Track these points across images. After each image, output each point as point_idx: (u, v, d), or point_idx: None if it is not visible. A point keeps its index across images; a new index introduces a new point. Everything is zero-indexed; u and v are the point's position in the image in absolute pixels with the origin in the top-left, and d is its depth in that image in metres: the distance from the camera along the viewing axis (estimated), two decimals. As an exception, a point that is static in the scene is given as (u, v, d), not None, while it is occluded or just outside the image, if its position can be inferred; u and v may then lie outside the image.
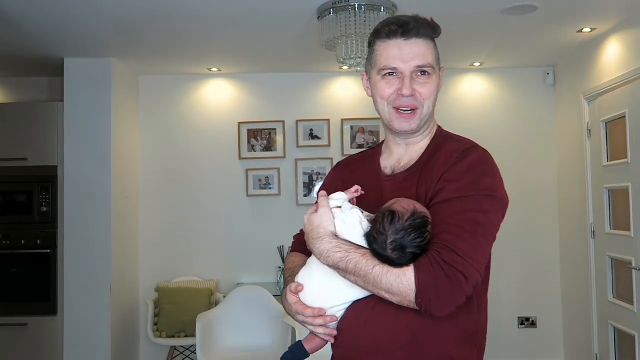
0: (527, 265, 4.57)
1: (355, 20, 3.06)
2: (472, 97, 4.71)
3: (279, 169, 4.65)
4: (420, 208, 1.24)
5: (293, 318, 1.35)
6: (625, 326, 3.55)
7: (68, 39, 3.70)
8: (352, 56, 3.17)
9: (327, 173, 4.60)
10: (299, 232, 1.61)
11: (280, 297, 4.12)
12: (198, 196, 4.65)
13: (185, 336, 4.15)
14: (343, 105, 4.70)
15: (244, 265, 4.62)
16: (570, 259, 4.38)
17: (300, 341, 1.42)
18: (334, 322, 1.31)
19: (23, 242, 4.09)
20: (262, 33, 3.67)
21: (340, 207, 1.31)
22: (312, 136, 4.67)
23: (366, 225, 1.26)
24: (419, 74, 1.34)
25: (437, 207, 1.25)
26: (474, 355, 1.31)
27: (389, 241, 1.19)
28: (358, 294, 1.28)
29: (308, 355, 1.40)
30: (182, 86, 4.70)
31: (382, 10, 3.08)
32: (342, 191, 1.37)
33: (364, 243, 1.25)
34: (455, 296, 1.16)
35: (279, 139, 4.65)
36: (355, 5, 3.05)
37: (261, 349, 3.85)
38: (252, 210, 4.66)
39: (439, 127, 1.48)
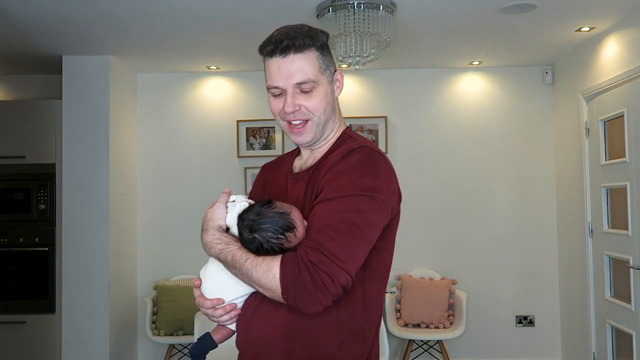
0: (524, 264, 4.58)
1: (354, 19, 3.06)
2: (471, 96, 4.71)
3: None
4: (296, 217, 1.26)
5: (200, 309, 1.39)
6: (622, 325, 3.56)
7: (66, 37, 3.69)
8: (351, 54, 3.17)
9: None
10: None
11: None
12: (196, 194, 4.64)
13: (184, 334, 4.15)
14: (342, 104, 4.62)
15: (242, 264, 4.61)
16: (568, 258, 4.39)
17: (208, 332, 1.48)
18: (236, 311, 1.35)
19: (21, 239, 4.08)
20: (261, 31, 3.64)
21: (234, 201, 1.36)
22: (311, 134, 4.67)
23: None
24: (300, 91, 1.35)
25: (315, 207, 1.26)
26: (360, 354, 1.31)
27: (248, 217, 1.26)
28: (246, 289, 1.31)
29: (216, 346, 1.48)
30: (180, 84, 4.69)
31: (381, 8, 3.07)
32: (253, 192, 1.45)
33: None
34: (319, 297, 1.16)
35: (277, 137, 4.65)
36: (354, 3, 3.05)
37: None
38: (250, 209, 4.65)
39: (347, 128, 1.50)
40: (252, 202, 1.36)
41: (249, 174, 4.64)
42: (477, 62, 4.55)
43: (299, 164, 1.49)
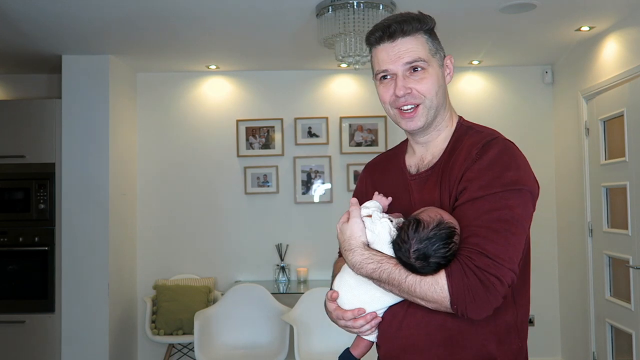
0: (524, 263, 4.58)
1: (353, 18, 3.06)
2: (470, 95, 4.71)
3: (277, 167, 4.65)
4: (448, 218, 1.22)
5: (337, 324, 1.36)
6: (622, 324, 3.56)
7: (66, 36, 3.69)
8: (351, 54, 3.16)
9: (325, 171, 4.64)
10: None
11: (280, 294, 4.13)
12: (196, 194, 4.64)
13: (183, 334, 4.15)
14: (341, 103, 4.70)
15: (242, 263, 4.62)
16: (568, 257, 4.39)
17: (347, 349, 1.43)
18: (377, 320, 1.32)
19: (21, 239, 4.08)
20: (261, 30, 3.66)
21: (370, 215, 1.31)
22: (311, 134, 4.67)
23: (395, 235, 1.27)
24: (412, 70, 1.33)
25: (461, 208, 1.23)
26: (514, 349, 1.30)
27: (412, 250, 1.20)
28: (392, 300, 1.29)
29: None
30: (180, 83, 4.69)
31: (381, 8, 3.07)
32: (375, 195, 1.39)
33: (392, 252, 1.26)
34: (491, 300, 1.15)
35: (277, 136, 4.65)
36: (354, 3, 3.05)
37: (259, 347, 3.86)
38: (250, 208, 4.66)
39: (460, 118, 1.45)
40: (387, 216, 1.31)
41: (248, 173, 4.64)
42: (476, 62, 4.55)
43: (414, 162, 1.43)
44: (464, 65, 4.62)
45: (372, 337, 1.37)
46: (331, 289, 1.37)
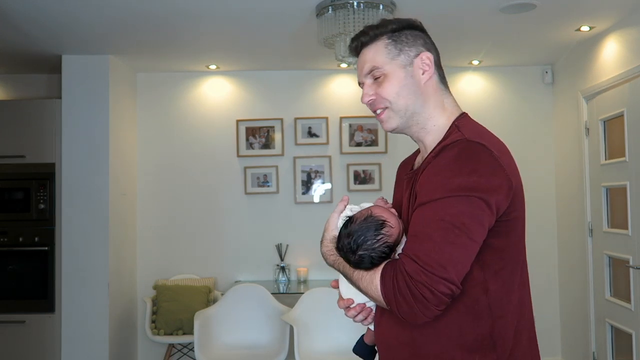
0: (524, 263, 4.58)
1: (353, 18, 3.06)
2: (470, 96, 4.71)
3: (277, 167, 4.65)
4: (378, 212, 1.27)
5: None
6: (622, 324, 3.56)
7: (66, 36, 3.69)
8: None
9: (325, 171, 4.65)
10: None
11: (280, 294, 4.13)
12: (196, 194, 4.64)
13: (183, 334, 4.15)
14: (341, 103, 4.70)
15: (242, 263, 4.62)
16: (568, 257, 4.39)
17: (362, 336, 1.52)
18: (367, 310, 1.38)
19: (21, 239, 4.08)
20: (261, 30, 3.66)
21: (351, 210, 1.38)
22: (311, 134, 4.67)
23: None
24: (375, 78, 1.37)
25: (413, 214, 1.23)
26: None
27: (343, 244, 1.27)
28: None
29: (372, 347, 1.49)
30: (180, 83, 4.69)
31: (381, 8, 3.07)
32: (378, 200, 1.43)
33: None
34: (420, 308, 1.13)
35: (277, 136, 4.65)
36: (354, 2, 3.05)
37: (259, 347, 3.85)
38: (250, 208, 4.66)
39: (459, 117, 1.37)
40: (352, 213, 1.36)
41: (248, 173, 4.64)
42: (476, 62, 4.54)
43: (418, 160, 1.45)
44: (464, 65, 4.62)
45: (372, 327, 1.42)
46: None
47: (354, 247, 1.24)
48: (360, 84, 1.41)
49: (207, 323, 3.82)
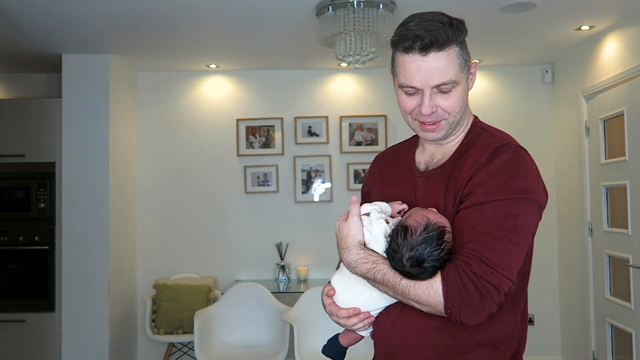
0: (524, 262, 4.58)
1: (353, 17, 3.06)
2: (471, 95, 4.66)
3: (277, 166, 4.65)
4: (435, 218, 1.21)
5: (329, 317, 1.37)
6: (622, 324, 3.56)
7: (66, 35, 3.69)
8: (351, 53, 3.16)
9: (325, 170, 4.64)
10: None
11: (280, 294, 4.13)
12: (196, 193, 4.64)
13: (184, 333, 4.15)
14: (341, 102, 4.70)
15: (242, 262, 4.62)
16: (568, 257, 4.39)
17: (337, 334, 1.45)
18: (370, 319, 1.33)
19: (21, 238, 4.08)
20: (261, 30, 3.66)
21: (368, 214, 1.29)
22: (311, 133, 4.67)
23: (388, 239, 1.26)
24: (440, 90, 1.28)
25: (465, 212, 1.21)
26: (507, 357, 1.29)
27: (404, 258, 1.18)
28: (388, 301, 1.29)
29: (344, 349, 1.44)
30: (180, 83, 4.69)
31: (381, 7, 3.07)
32: (393, 203, 1.36)
33: None
34: (486, 308, 1.14)
35: (277, 135, 4.65)
36: (354, 2, 3.05)
37: (259, 346, 3.86)
38: (250, 207, 4.66)
39: (475, 119, 1.43)
40: (383, 213, 1.30)
41: (248, 172, 4.64)
42: (477, 61, 4.55)
43: (423, 160, 1.41)
44: (464, 64, 4.62)
45: (365, 333, 1.38)
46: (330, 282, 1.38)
47: (420, 259, 1.17)
48: (411, 88, 1.27)
49: (207, 322, 3.82)
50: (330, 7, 3.10)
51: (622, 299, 3.57)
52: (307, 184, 4.65)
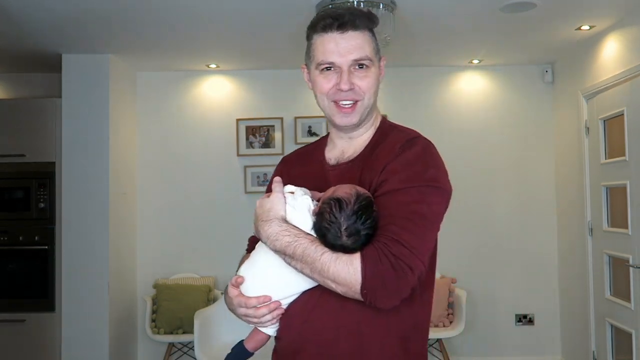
0: (524, 262, 4.58)
1: (353, 17, 3.05)
2: (470, 95, 4.71)
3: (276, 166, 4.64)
4: (361, 190, 1.24)
5: (234, 313, 1.33)
6: (622, 324, 3.56)
7: (66, 35, 3.69)
8: (351, 53, 3.16)
9: (325, 170, 4.64)
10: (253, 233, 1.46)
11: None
12: (196, 193, 4.64)
13: (184, 333, 4.15)
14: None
15: (242, 262, 4.61)
16: (568, 257, 4.39)
17: (241, 341, 1.41)
18: (279, 310, 1.28)
19: (21, 238, 4.08)
20: (261, 30, 3.66)
21: (292, 192, 1.30)
22: (311, 133, 4.67)
23: (315, 216, 1.25)
24: (357, 67, 1.33)
25: (381, 198, 1.24)
26: (422, 346, 1.33)
27: (342, 228, 1.18)
28: (303, 285, 1.25)
29: (251, 354, 1.40)
30: (180, 82, 4.69)
31: (381, 7, 3.07)
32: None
33: (311, 232, 1.24)
34: (401, 288, 1.17)
35: (277, 135, 4.65)
36: (353, 2, 3.04)
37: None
38: (250, 207, 4.60)
39: (383, 117, 1.47)
40: (309, 193, 1.30)
41: (248, 172, 4.64)
42: (477, 61, 4.54)
43: (334, 156, 1.43)
44: (464, 64, 4.62)
45: (271, 331, 1.34)
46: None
47: (358, 228, 1.18)
48: (329, 64, 1.32)
49: (207, 322, 3.82)
50: (330, 7, 3.10)
51: (622, 299, 3.57)
52: (307, 183, 4.65)
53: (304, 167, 1.49)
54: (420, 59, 4.47)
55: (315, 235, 1.23)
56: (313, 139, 1.61)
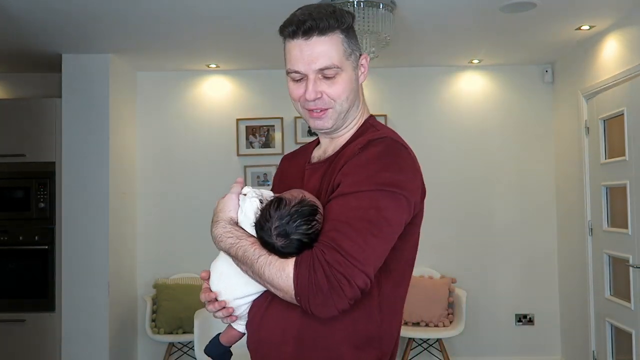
0: (524, 262, 4.58)
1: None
2: (470, 95, 4.71)
3: (277, 166, 4.63)
4: (310, 197, 1.20)
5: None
6: (622, 323, 3.56)
7: (66, 35, 3.69)
8: (351, 53, 3.16)
9: (325, 170, 4.64)
10: None
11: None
12: (196, 192, 4.64)
13: (184, 332, 4.15)
14: (341, 102, 4.69)
15: (242, 262, 4.61)
16: (568, 256, 4.39)
17: (218, 334, 1.42)
18: (226, 310, 1.29)
19: (21, 238, 4.08)
20: (261, 30, 3.66)
21: (245, 194, 1.28)
22: (311, 133, 4.66)
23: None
24: (324, 75, 1.27)
25: (332, 202, 1.18)
26: (371, 359, 1.23)
27: (273, 226, 1.16)
28: (255, 289, 1.25)
29: (228, 348, 1.40)
30: (180, 82, 4.69)
31: (381, 7, 3.07)
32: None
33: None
34: (335, 300, 1.09)
35: (277, 135, 4.65)
36: (354, 1, 3.04)
37: (259, 346, 3.86)
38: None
39: (369, 116, 1.40)
40: (261, 195, 1.28)
41: (248, 172, 4.64)
42: (477, 61, 4.54)
43: (317, 154, 1.42)
44: (464, 64, 4.62)
45: (240, 328, 1.34)
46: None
47: (288, 230, 1.14)
48: (296, 73, 1.28)
49: (207, 322, 3.81)
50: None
51: (622, 298, 3.57)
52: (307, 183, 4.65)
53: (293, 164, 1.49)
54: (420, 59, 4.47)
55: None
56: (312, 139, 1.60)
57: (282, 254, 1.15)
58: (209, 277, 1.33)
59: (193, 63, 4.47)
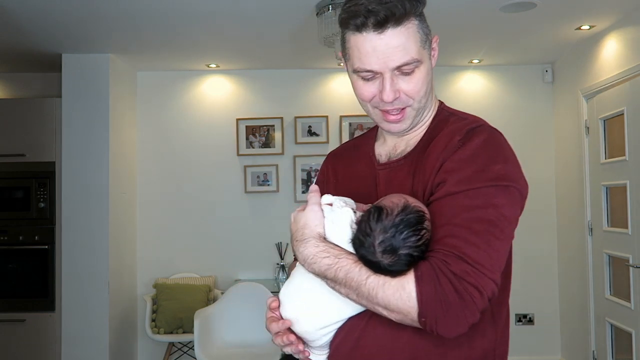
0: (524, 262, 4.58)
1: (353, 17, 3.05)
2: (470, 94, 4.71)
3: (277, 166, 4.64)
4: (414, 202, 1.03)
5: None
6: (622, 323, 3.56)
7: (66, 35, 3.69)
8: (351, 53, 3.15)
9: (325, 170, 4.64)
10: None
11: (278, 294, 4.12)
12: (196, 192, 4.64)
13: (184, 332, 4.15)
14: (341, 102, 4.70)
15: (242, 262, 4.62)
16: (568, 256, 4.39)
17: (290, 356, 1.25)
18: (297, 346, 1.11)
19: (21, 237, 4.08)
20: (261, 29, 3.66)
21: (331, 204, 1.10)
22: (311, 133, 4.67)
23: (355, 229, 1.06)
24: (402, 73, 1.10)
25: (438, 203, 1.03)
26: None
27: (376, 242, 0.99)
28: (350, 310, 1.08)
29: None
30: (180, 82, 4.69)
31: (381, 6, 3.06)
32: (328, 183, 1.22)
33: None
34: (467, 314, 0.94)
35: (277, 135, 4.65)
36: (353, 1, 3.04)
37: (259, 345, 3.86)
38: (250, 207, 4.66)
39: (440, 103, 1.24)
40: (351, 203, 1.11)
41: (248, 172, 4.64)
42: (477, 61, 4.54)
43: (384, 152, 1.22)
44: (464, 64, 4.62)
45: (321, 358, 1.15)
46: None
47: (395, 244, 0.98)
48: (368, 72, 1.09)
49: (207, 322, 3.82)
50: (330, 6, 3.10)
51: (622, 298, 3.57)
52: (307, 183, 4.65)
53: (351, 165, 1.28)
54: (420, 59, 4.47)
55: None
56: (313, 139, 1.51)
57: (389, 272, 0.98)
58: (279, 306, 1.15)
59: (193, 63, 4.47)
